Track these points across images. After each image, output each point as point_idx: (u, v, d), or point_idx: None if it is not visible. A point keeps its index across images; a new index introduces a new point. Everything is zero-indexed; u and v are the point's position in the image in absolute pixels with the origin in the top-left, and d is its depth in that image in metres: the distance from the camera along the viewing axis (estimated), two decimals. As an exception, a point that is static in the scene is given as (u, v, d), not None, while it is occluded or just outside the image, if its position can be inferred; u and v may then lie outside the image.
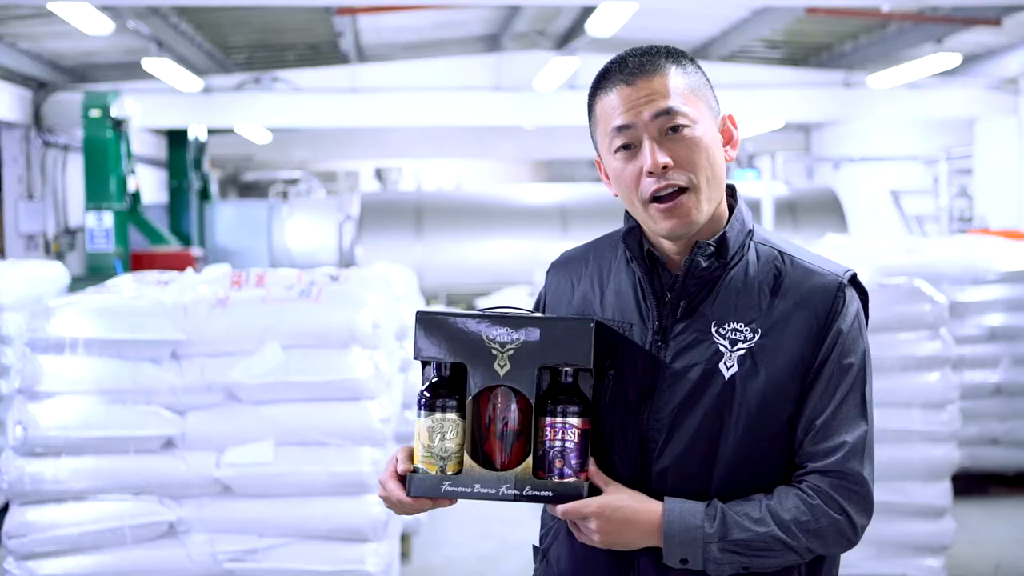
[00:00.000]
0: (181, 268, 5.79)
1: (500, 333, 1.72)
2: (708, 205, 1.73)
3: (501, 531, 5.76)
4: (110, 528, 3.83)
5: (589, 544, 1.72)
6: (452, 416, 1.72)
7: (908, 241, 7.83)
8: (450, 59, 13.30)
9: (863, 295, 1.80)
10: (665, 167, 1.70)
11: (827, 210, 12.90)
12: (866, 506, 1.71)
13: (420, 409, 1.73)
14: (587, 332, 1.70)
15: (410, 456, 1.75)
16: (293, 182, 18.45)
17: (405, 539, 5.32)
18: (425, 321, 1.75)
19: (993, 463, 6.51)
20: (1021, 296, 6.54)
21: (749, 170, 14.17)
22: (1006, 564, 5.41)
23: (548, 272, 1.96)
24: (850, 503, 1.69)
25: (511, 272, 11.38)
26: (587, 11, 10.01)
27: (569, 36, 12.51)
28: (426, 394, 1.74)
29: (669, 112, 1.70)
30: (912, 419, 4.68)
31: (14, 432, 3.86)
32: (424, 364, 1.78)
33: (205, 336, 3.91)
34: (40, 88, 11.66)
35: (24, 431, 3.84)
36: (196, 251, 11.38)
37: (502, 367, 1.71)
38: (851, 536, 1.71)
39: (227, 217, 14.00)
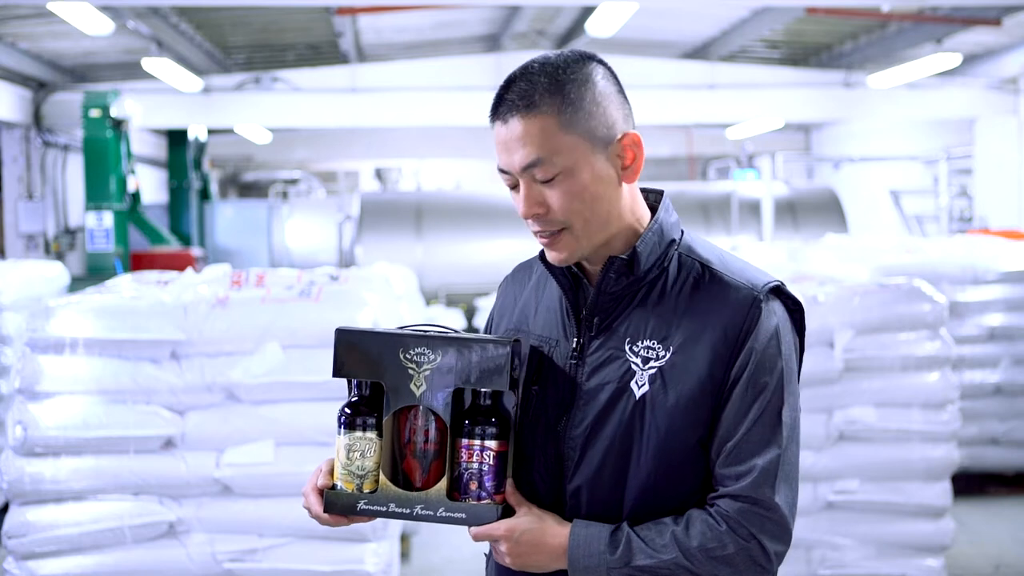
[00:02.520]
0: (181, 268, 5.78)
1: (417, 353, 1.69)
2: (589, 241, 1.68)
3: (501, 531, 5.76)
4: (110, 528, 3.83)
5: (504, 566, 1.74)
6: (371, 435, 1.71)
7: (908, 241, 7.83)
8: (450, 59, 13.29)
9: (794, 305, 1.72)
10: (537, 214, 1.67)
11: (827, 210, 12.90)
12: (780, 532, 1.64)
13: (340, 427, 1.73)
14: (503, 356, 1.66)
15: (332, 471, 1.76)
16: (293, 182, 18.44)
17: (405, 539, 5.32)
18: (344, 337, 1.75)
19: (993, 463, 6.51)
20: (1021, 296, 6.54)
21: (749, 170, 14.17)
22: (1006, 564, 5.41)
23: (500, 285, 1.95)
24: (762, 530, 1.63)
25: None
26: (587, 11, 10.00)
27: (569, 36, 12.51)
28: (347, 411, 1.73)
29: (538, 163, 1.64)
30: (912, 419, 4.68)
31: (14, 432, 3.86)
32: (348, 381, 1.77)
33: (205, 336, 3.90)
34: (40, 88, 11.66)
35: (24, 431, 3.84)
36: (196, 251, 11.38)
37: (418, 387, 1.69)
38: (764, 563, 1.64)
39: (227, 217, 13.99)
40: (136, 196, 11.11)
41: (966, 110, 12.06)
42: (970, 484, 6.36)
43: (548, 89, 1.64)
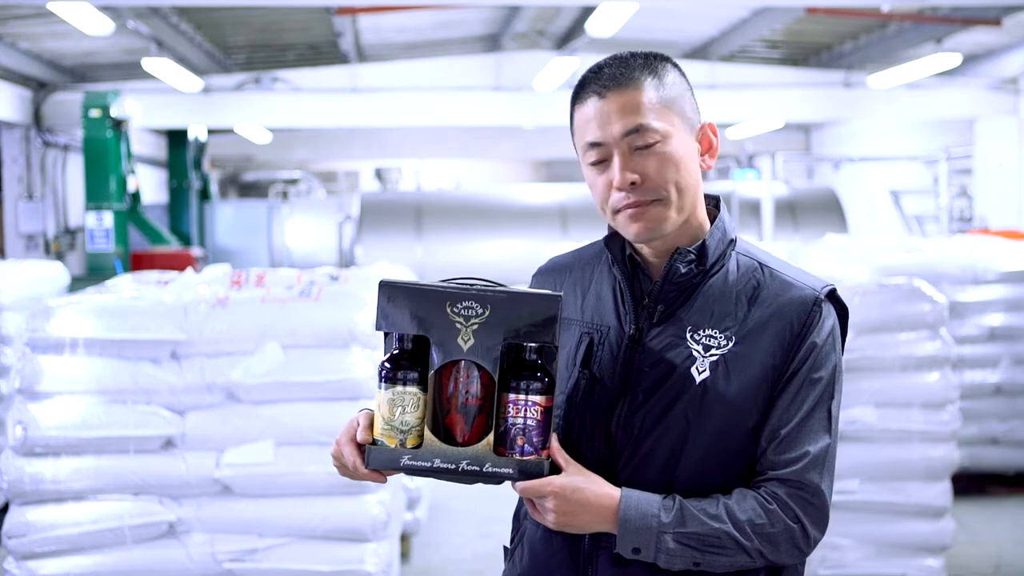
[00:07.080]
0: (181, 268, 5.79)
1: (465, 307, 1.67)
2: (677, 214, 1.75)
3: (501, 531, 5.74)
4: (110, 528, 3.83)
5: (542, 524, 1.72)
6: (413, 389, 1.68)
7: (908, 241, 7.83)
8: (450, 59, 13.30)
9: (842, 310, 1.81)
10: (633, 183, 1.72)
11: (827, 210, 12.90)
12: (820, 518, 1.72)
13: (381, 381, 1.69)
14: (553, 308, 1.65)
15: (371, 425, 1.72)
16: (293, 182, 18.45)
17: (405, 539, 5.32)
18: (388, 291, 1.70)
19: (993, 463, 6.51)
20: (1021, 296, 6.54)
21: (749, 170, 14.17)
22: (1006, 564, 5.40)
23: (533, 278, 1.97)
24: (805, 513, 1.70)
25: (511, 272, 11.38)
26: (587, 11, 10.00)
27: (569, 36, 12.51)
28: (387, 366, 1.69)
29: (639, 129, 1.71)
30: (912, 419, 4.68)
31: (14, 432, 3.86)
32: (386, 335, 1.73)
33: (205, 336, 3.91)
34: (40, 88, 11.66)
35: (24, 431, 3.84)
36: (196, 251, 11.38)
37: (465, 341, 1.66)
38: (803, 546, 1.71)
39: (227, 217, 14.00)
40: (136, 196, 11.12)
41: (966, 110, 12.06)
42: (970, 484, 6.35)
43: (644, 70, 1.75)
